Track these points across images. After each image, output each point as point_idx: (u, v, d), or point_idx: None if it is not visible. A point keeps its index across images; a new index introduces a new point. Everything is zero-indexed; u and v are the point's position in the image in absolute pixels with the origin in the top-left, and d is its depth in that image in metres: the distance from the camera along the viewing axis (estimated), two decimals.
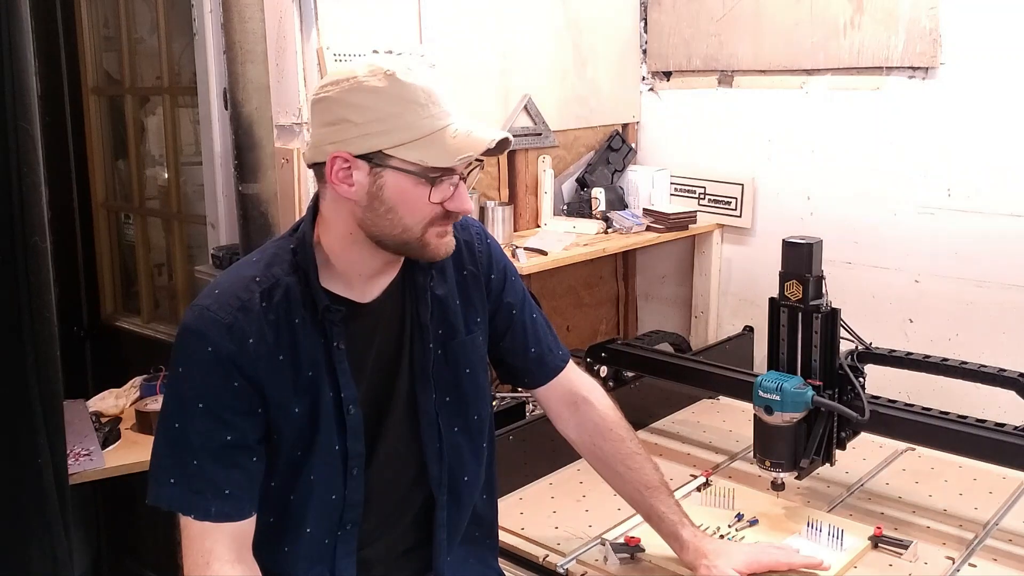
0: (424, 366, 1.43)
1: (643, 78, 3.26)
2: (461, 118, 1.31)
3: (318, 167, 1.33)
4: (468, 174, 1.34)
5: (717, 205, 3.08)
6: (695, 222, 3.01)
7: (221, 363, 1.28)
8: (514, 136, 2.83)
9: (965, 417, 1.71)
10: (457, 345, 1.47)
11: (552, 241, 2.74)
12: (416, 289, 1.43)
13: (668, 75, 3.20)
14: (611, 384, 2.25)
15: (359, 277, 1.38)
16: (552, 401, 1.64)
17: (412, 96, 1.27)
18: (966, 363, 1.82)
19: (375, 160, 1.28)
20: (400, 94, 1.27)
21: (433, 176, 1.28)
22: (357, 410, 1.36)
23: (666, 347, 2.64)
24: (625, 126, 3.24)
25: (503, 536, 1.69)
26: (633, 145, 3.22)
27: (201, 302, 1.31)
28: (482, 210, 2.66)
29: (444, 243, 1.34)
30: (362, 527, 1.40)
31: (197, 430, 1.28)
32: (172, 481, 1.29)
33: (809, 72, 2.84)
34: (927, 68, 2.59)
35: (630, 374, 2.29)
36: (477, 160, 1.33)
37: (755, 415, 1.76)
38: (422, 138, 1.27)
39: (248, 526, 1.32)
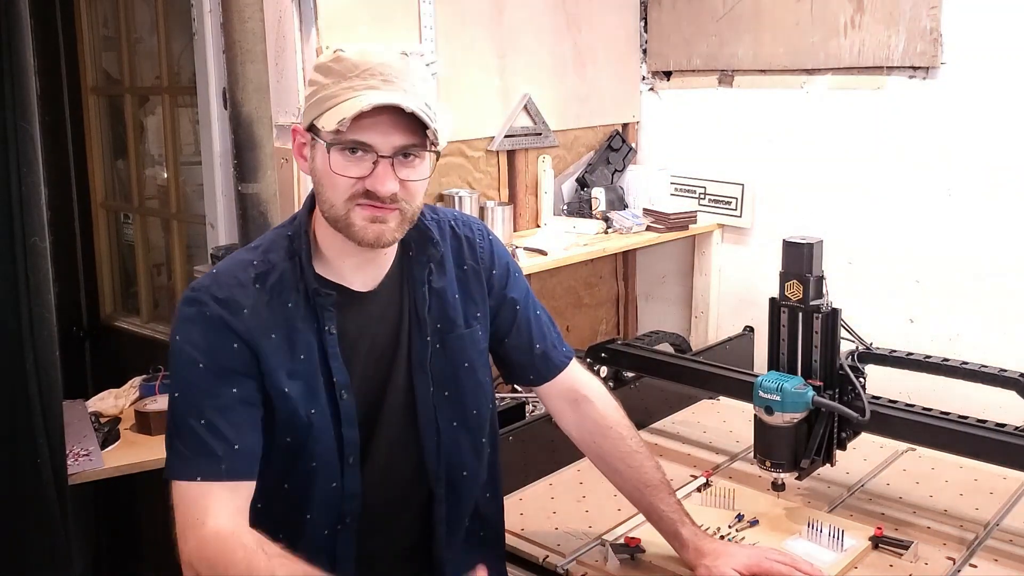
0: (422, 359, 1.43)
1: (643, 78, 3.25)
2: (390, 92, 1.26)
3: None
4: (395, 155, 1.28)
5: (717, 205, 3.08)
6: (695, 222, 3.01)
7: (218, 326, 1.29)
8: (514, 136, 2.86)
9: (966, 417, 1.71)
10: (455, 338, 1.47)
11: (552, 241, 2.74)
12: (413, 282, 1.44)
13: (668, 75, 3.20)
14: (611, 384, 2.25)
15: (345, 264, 1.39)
16: (554, 398, 1.64)
17: (342, 69, 1.28)
18: (967, 363, 1.81)
19: (312, 132, 1.31)
20: (333, 68, 1.28)
21: (331, 142, 1.27)
22: (350, 396, 1.36)
23: (666, 347, 2.64)
24: (625, 126, 3.24)
25: None
26: (633, 145, 3.22)
27: (199, 282, 1.34)
28: (482, 210, 2.66)
29: (373, 229, 1.30)
30: (363, 521, 1.40)
31: (201, 388, 1.28)
32: (180, 449, 1.28)
33: (809, 72, 2.84)
34: (928, 68, 2.59)
35: (630, 374, 2.29)
36: (424, 148, 1.29)
37: (755, 415, 1.75)
38: (334, 108, 1.26)
39: (248, 492, 1.30)
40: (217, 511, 1.25)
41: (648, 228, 2.95)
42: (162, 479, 1.30)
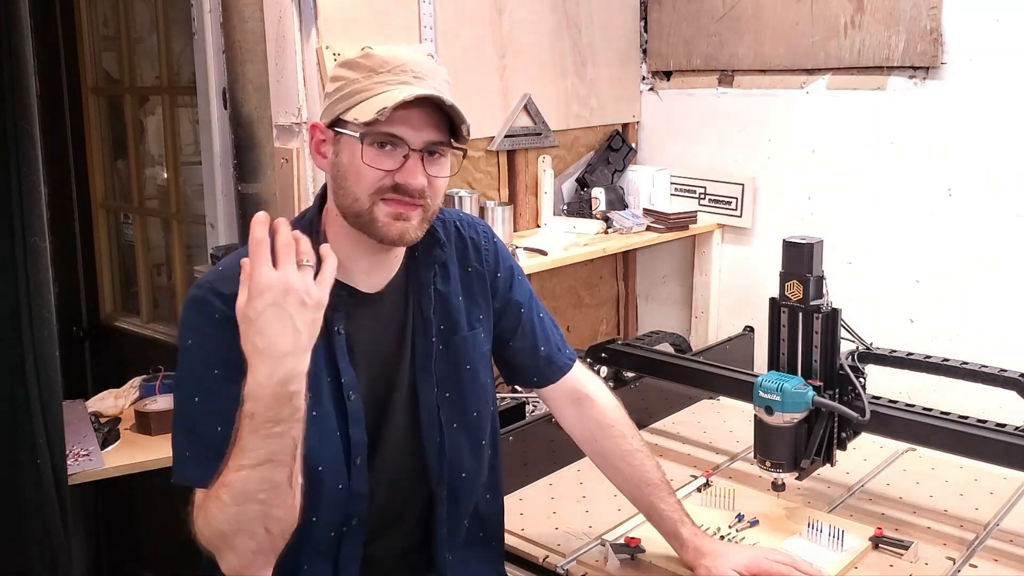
0: (426, 360, 1.43)
1: (643, 78, 3.25)
2: (419, 86, 1.28)
3: None
4: (425, 149, 1.30)
5: (717, 205, 3.08)
6: (695, 222, 3.01)
7: (230, 324, 1.26)
8: (514, 136, 2.86)
9: (966, 417, 1.71)
10: (459, 340, 1.47)
11: (552, 241, 2.74)
12: (420, 283, 1.44)
13: (668, 75, 3.20)
14: (611, 384, 2.25)
15: (355, 264, 1.38)
16: (556, 399, 1.64)
17: (372, 64, 1.29)
18: (967, 363, 1.81)
19: (336, 128, 1.31)
20: (362, 63, 1.30)
21: (365, 134, 1.28)
22: (357, 396, 1.36)
23: (666, 347, 2.64)
24: (625, 126, 3.24)
25: None
26: (633, 145, 3.22)
27: (204, 278, 1.33)
28: (482, 210, 2.65)
29: (397, 226, 1.31)
30: (366, 523, 1.40)
31: (217, 395, 1.26)
32: (190, 455, 1.27)
33: (809, 72, 2.84)
34: (928, 68, 2.59)
35: (630, 374, 2.29)
36: (451, 146, 1.32)
37: (755, 415, 1.75)
38: (367, 100, 1.28)
39: None
40: None
41: (648, 228, 2.95)
42: (171, 481, 1.29)
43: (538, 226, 2.96)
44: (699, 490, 1.89)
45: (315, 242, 1.34)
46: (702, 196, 3.10)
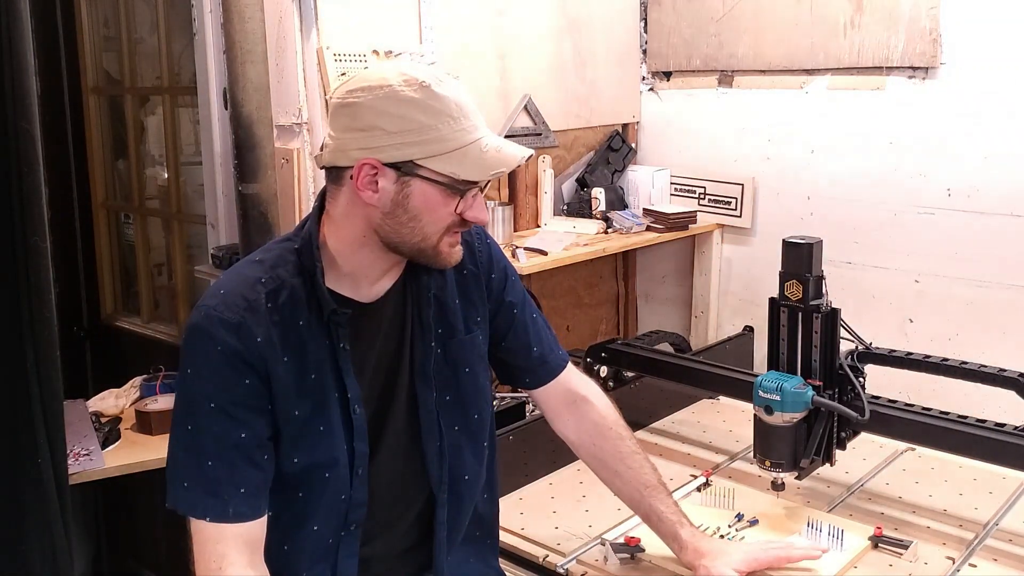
0: (425, 365, 1.44)
1: (643, 78, 3.26)
2: (488, 132, 1.33)
3: (337, 170, 1.33)
4: (486, 185, 1.36)
5: (717, 205, 3.08)
6: (695, 222, 3.01)
7: (230, 361, 1.28)
8: (514, 136, 2.86)
9: (965, 417, 1.71)
10: (456, 344, 1.47)
11: (552, 241, 2.74)
12: (418, 288, 1.44)
13: (668, 75, 3.20)
14: (611, 384, 2.25)
15: (366, 279, 1.38)
16: (551, 401, 1.64)
17: (445, 108, 1.28)
18: (966, 363, 1.81)
19: (404, 169, 1.28)
20: (434, 106, 1.27)
21: (463, 188, 1.30)
22: (362, 410, 1.36)
23: (666, 347, 2.64)
24: (625, 126, 3.25)
25: (503, 536, 1.69)
26: (633, 145, 3.23)
27: (207, 302, 1.31)
28: None
29: (455, 252, 1.37)
30: (364, 526, 1.40)
31: (210, 431, 1.28)
32: (186, 485, 1.29)
33: (809, 72, 2.84)
34: (927, 68, 2.60)
35: (630, 374, 2.29)
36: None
37: (755, 415, 1.75)
38: (455, 151, 1.28)
39: (260, 528, 1.31)
40: (233, 560, 1.27)
41: (648, 228, 2.95)
42: (166, 505, 1.30)
43: (538, 226, 2.97)
44: (699, 490, 1.89)
45: (317, 259, 1.35)
46: (702, 196, 3.11)
